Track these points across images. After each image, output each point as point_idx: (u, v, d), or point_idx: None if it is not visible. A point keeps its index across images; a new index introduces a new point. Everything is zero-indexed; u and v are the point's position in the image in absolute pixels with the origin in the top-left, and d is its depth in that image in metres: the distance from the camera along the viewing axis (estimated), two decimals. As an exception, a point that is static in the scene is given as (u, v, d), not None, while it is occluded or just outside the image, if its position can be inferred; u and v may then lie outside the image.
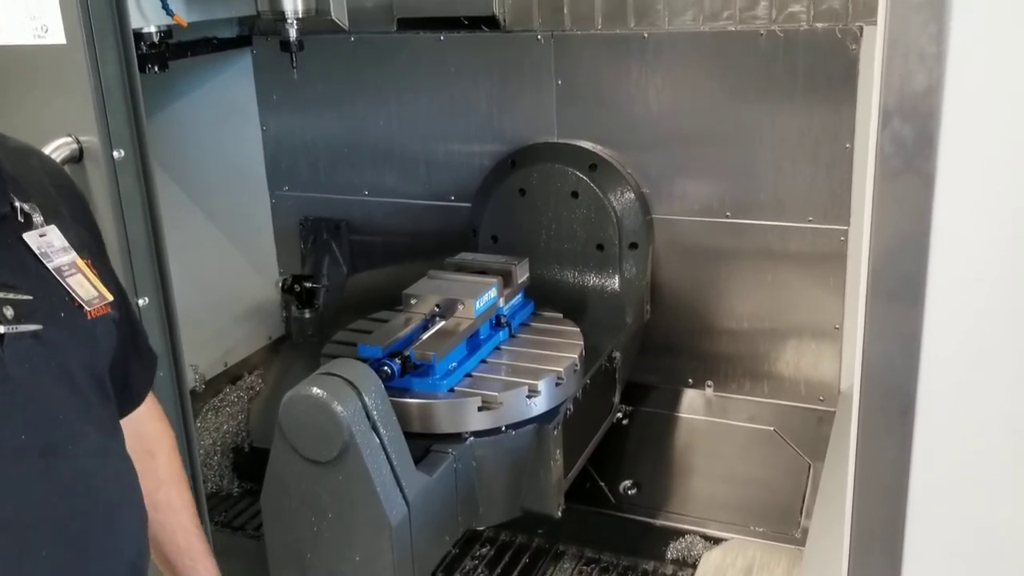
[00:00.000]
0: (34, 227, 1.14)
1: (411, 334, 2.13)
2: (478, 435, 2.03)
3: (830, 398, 2.58)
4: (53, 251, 1.15)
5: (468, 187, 2.80)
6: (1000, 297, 0.99)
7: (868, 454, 1.08)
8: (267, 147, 3.05)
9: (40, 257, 1.14)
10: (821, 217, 2.46)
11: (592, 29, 2.56)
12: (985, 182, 0.96)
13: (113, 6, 1.60)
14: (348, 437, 1.79)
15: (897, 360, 1.03)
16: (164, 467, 1.42)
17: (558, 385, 2.12)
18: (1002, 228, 0.97)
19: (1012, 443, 1.03)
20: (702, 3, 2.44)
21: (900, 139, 0.98)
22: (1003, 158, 0.95)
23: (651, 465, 2.59)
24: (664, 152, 2.57)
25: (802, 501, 2.40)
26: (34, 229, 1.14)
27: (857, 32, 2.30)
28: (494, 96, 2.72)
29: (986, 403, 1.03)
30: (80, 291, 1.16)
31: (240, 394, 2.93)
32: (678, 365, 2.73)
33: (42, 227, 1.15)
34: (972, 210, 0.98)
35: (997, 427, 1.03)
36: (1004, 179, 0.96)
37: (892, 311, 1.02)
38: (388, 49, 2.79)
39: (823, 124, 2.39)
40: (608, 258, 2.61)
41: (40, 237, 1.14)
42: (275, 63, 2.79)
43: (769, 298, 2.57)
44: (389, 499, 1.83)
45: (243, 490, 2.77)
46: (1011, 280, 0.98)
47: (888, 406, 1.05)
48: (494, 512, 2.10)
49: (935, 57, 0.94)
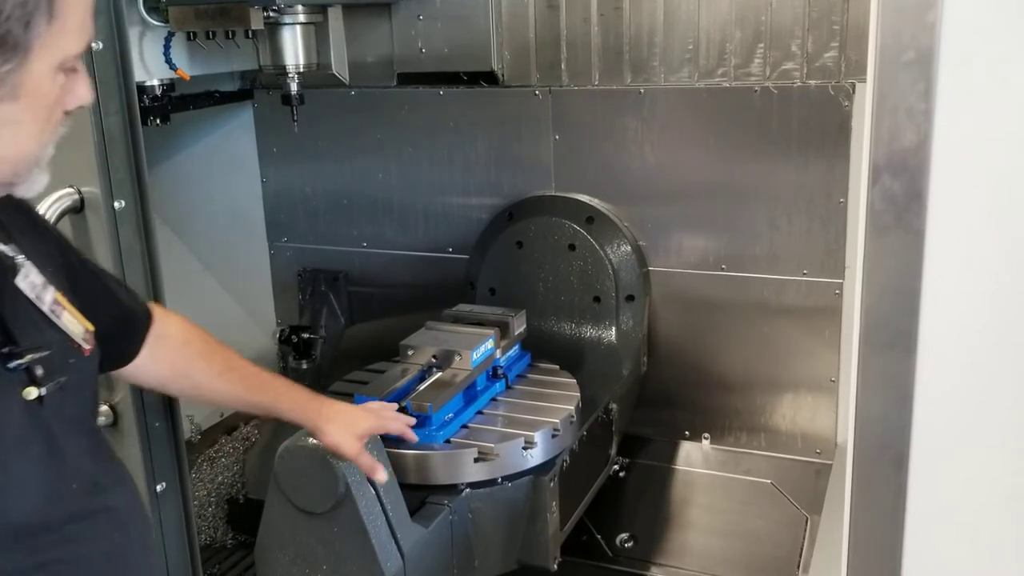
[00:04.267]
0: (19, 269, 1.13)
1: (408, 385, 2.13)
2: (474, 486, 2.02)
3: (827, 451, 2.58)
4: (40, 291, 1.15)
5: (466, 239, 2.82)
6: (991, 348, 1.00)
7: (863, 506, 1.08)
8: (267, 199, 3.07)
9: (35, 302, 1.14)
10: (816, 271, 2.47)
11: (589, 85, 2.60)
12: (974, 235, 0.98)
13: (117, 59, 1.62)
14: (344, 488, 1.78)
15: (890, 412, 1.04)
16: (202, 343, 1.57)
17: (554, 437, 2.12)
18: (991, 281, 0.98)
19: (1006, 493, 1.04)
20: (697, 60, 2.48)
21: (890, 194, 0.99)
22: (991, 212, 0.97)
23: (648, 518, 2.57)
24: (660, 205, 2.59)
25: (800, 555, 2.38)
26: (20, 271, 1.13)
27: (849, 89, 2.33)
28: (492, 150, 2.75)
29: (979, 454, 1.03)
30: (73, 329, 1.18)
31: (236, 445, 2.92)
32: (675, 417, 2.72)
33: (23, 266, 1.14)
34: (962, 263, 0.99)
35: (991, 478, 1.04)
36: (992, 233, 0.97)
37: (885, 363, 1.03)
38: (388, 103, 2.82)
39: (817, 179, 2.42)
40: (605, 310, 2.62)
41: (26, 279, 1.13)
42: (276, 116, 2.83)
43: (765, 351, 2.58)
44: (384, 551, 1.81)
45: (237, 542, 2.75)
46: (1001, 331, 0.99)
47: (882, 458, 1.05)
48: (490, 565, 2.09)
49: (923, 113, 0.96)
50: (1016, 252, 0.97)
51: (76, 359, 1.18)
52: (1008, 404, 1.01)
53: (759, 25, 2.41)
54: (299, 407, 1.68)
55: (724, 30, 2.44)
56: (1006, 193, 0.96)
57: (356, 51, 2.79)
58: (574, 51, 2.60)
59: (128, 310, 1.44)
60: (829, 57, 2.36)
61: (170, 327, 1.53)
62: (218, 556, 2.68)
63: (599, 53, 2.57)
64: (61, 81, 1.04)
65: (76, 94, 1.08)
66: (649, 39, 2.52)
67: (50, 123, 1.06)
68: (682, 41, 2.49)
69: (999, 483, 1.03)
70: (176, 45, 2.36)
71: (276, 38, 2.48)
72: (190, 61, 2.43)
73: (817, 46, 2.37)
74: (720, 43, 2.45)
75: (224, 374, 1.59)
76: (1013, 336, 0.99)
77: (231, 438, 2.93)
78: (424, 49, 2.70)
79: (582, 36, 2.58)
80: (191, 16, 2.26)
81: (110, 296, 1.40)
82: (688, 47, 2.48)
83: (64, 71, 1.04)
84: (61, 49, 1.01)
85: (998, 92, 0.94)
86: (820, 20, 2.35)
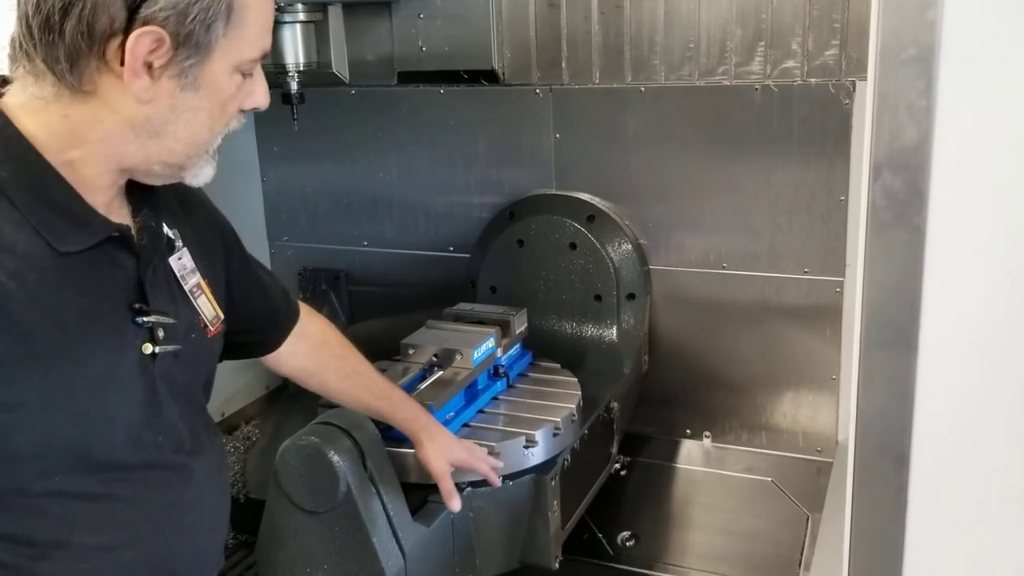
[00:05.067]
0: (175, 251, 1.33)
1: (409, 384, 2.13)
2: (475, 485, 2.02)
3: (828, 449, 2.58)
4: (187, 273, 1.34)
5: (467, 238, 2.82)
6: (992, 345, 1.00)
7: (864, 504, 1.08)
8: (267, 198, 3.07)
9: (180, 280, 1.33)
10: (817, 269, 2.47)
11: (590, 83, 2.60)
12: (975, 233, 0.98)
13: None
14: (345, 487, 1.78)
15: (891, 409, 1.04)
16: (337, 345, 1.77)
17: (556, 435, 2.12)
18: (992, 278, 0.98)
19: (1008, 490, 1.04)
20: (698, 58, 2.48)
21: (891, 192, 0.99)
22: (992, 209, 0.97)
23: (649, 516, 2.57)
24: (661, 204, 2.59)
25: (800, 553, 2.38)
26: (175, 252, 1.33)
27: (850, 87, 2.33)
28: (493, 148, 2.75)
29: (981, 451, 1.03)
30: (205, 312, 1.36)
31: (236, 444, 2.92)
32: (676, 416, 2.72)
33: (180, 250, 1.34)
34: (963, 260, 0.99)
35: (992, 475, 1.03)
36: (993, 230, 0.97)
37: (886, 361, 1.03)
38: (388, 102, 2.82)
39: (818, 177, 2.41)
40: (606, 309, 2.62)
41: (178, 260, 1.33)
42: (276, 115, 2.80)
43: (766, 349, 2.58)
44: (385, 551, 1.81)
45: (238, 541, 2.74)
46: (1002, 328, 0.99)
47: (883, 455, 1.05)
48: (491, 564, 2.09)
49: (924, 111, 0.96)
50: (1017, 249, 0.97)
51: (198, 335, 1.34)
52: (1009, 401, 1.01)
53: (760, 23, 2.40)
54: (412, 419, 1.85)
55: (725, 28, 2.44)
56: (1007, 190, 0.96)
57: (356, 50, 2.79)
58: (575, 49, 2.60)
59: (276, 309, 1.65)
60: (830, 55, 2.36)
61: (312, 328, 1.74)
62: (219, 555, 2.68)
63: (600, 51, 2.57)
64: (238, 81, 1.23)
65: (254, 96, 1.29)
66: (650, 37, 2.52)
67: (224, 115, 1.25)
68: (683, 39, 2.49)
69: (1000, 480, 1.03)
70: (176, 44, 2.35)
71: (276, 37, 2.47)
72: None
73: (818, 44, 2.36)
74: (721, 41, 2.45)
75: (351, 377, 1.77)
76: (1014, 333, 0.99)
77: (232, 438, 2.93)
78: (424, 48, 2.70)
79: (583, 34, 2.58)
80: (191, 15, 2.25)
81: (264, 295, 1.62)
82: (689, 45, 2.48)
83: (242, 73, 1.23)
84: (239, 53, 1.19)
85: (999, 89, 0.94)
86: (821, 18, 2.35)
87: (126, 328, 1.22)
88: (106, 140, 1.17)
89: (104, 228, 1.19)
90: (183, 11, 1.11)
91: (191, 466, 1.32)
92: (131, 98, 1.14)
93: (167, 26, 1.11)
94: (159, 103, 1.16)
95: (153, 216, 1.29)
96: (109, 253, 1.20)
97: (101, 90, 1.14)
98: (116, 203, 1.25)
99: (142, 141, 1.19)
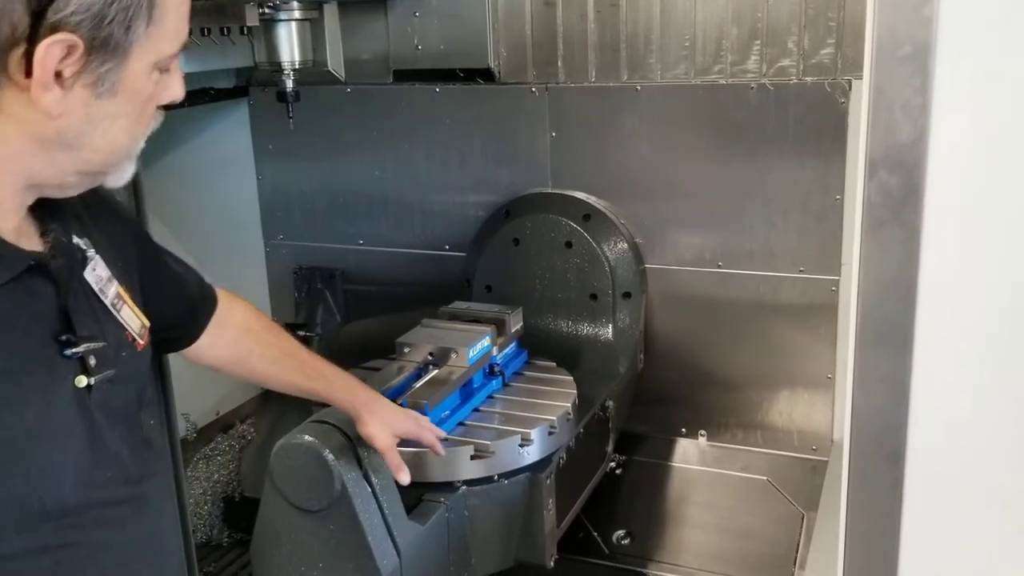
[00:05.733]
0: (89, 261, 1.19)
1: (404, 382, 2.13)
2: (470, 484, 2.02)
3: (823, 448, 2.58)
4: (104, 284, 1.21)
5: (463, 237, 2.82)
6: (988, 344, 1.00)
7: (859, 502, 1.08)
8: (262, 196, 3.06)
9: (99, 295, 1.20)
10: (812, 267, 2.47)
11: (585, 82, 2.60)
12: (971, 230, 0.98)
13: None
14: (340, 486, 1.78)
15: (886, 407, 1.04)
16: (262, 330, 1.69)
17: (551, 434, 2.12)
18: (988, 276, 0.98)
19: (1003, 489, 1.04)
20: (694, 57, 2.48)
21: (886, 190, 0.99)
22: (988, 207, 0.97)
23: (644, 515, 2.57)
24: (657, 203, 2.59)
25: (796, 551, 2.38)
26: (88, 263, 1.19)
27: (846, 86, 2.33)
28: (489, 147, 2.75)
29: (976, 450, 1.03)
30: (131, 324, 1.25)
31: (232, 443, 2.92)
32: (671, 414, 2.72)
33: (93, 260, 1.20)
34: (959, 258, 0.99)
35: (987, 474, 1.03)
36: (989, 227, 0.97)
37: (881, 359, 1.03)
38: (384, 100, 2.82)
39: (813, 176, 2.42)
40: (601, 307, 2.62)
41: (93, 272, 1.19)
42: (271, 113, 2.82)
43: (761, 348, 2.58)
44: (381, 549, 1.81)
45: (233, 540, 2.75)
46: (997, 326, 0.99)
47: (878, 453, 1.05)
48: (486, 562, 2.08)
49: (920, 108, 0.96)
50: (1013, 247, 0.97)
51: (128, 352, 1.23)
52: (1005, 400, 1.01)
53: (755, 22, 2.40)
54: (350, 395, 1.77)
55: (720, 27, 2.44)
56: (1003, 188, 0.96)
57: (352, 48, 2.78)
58: (571, 48, 2.60)
59: (192, 300, 1.55)
60: (825, 54, 2.36)
61: (233, 315, 1.64)
62: (214, 554, 2.68)
63: (596, 50, 2.57)
64: (156, 79, 1.12)
65: (170, 90, 1.16)
66: (646, 36, 2.52)
67: (144, 117, 1.14)
68: (678, 38, 2.49)
69: (995, 479, 1.03)
70: (171, 42, 2.34)
71: (271, 35, 2.48)
72: (185, 58, 2.40)
73: (813, 43, 2.37)
74: (716, 40, 2.45)
75: (279, 361, 1.68)
76: (1010, 331, 0.99)
77: (227, 436, 2.93)
78: (420, 46, 2.70)
79: (579, 33, 2.58)
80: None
81: (178, 288, 1.51)
82: (685, 44, 2.48)
83: (160, 70, 1.12)
84: (158, 50, 1.09)
85: (995, 87, 0.94)
86: (816, 17, 2.35)
87: (56, 363, 1.10)
88: (11, 159, 1.06)
89: (19, 260, 1.07)
90: (99, 13, 1.00)
91: (143, 494, 1.24)
92: (39, 112, 1.03)
93: (80, 31, 1.00)
94: (72, 115, 1.05)
95: (62, 230, 1.16)
96: (25, 284, 1.08)
97: (3, 104, 1.03)
98: (25, 224, 1.13)
99: (52, 155, 1.07)
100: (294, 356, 1.71)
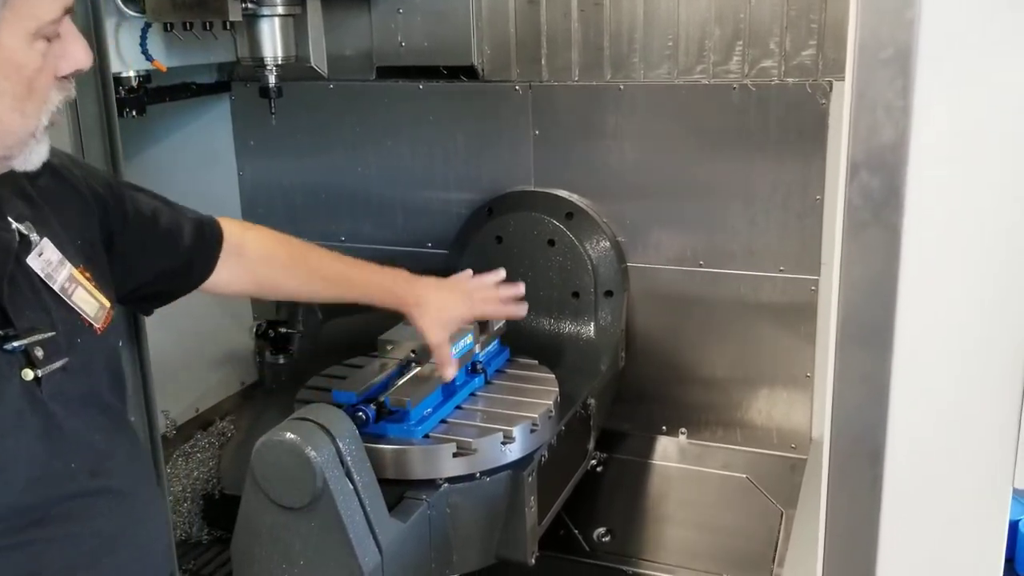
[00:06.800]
0: (32, 247, 1.13)
1: (386, 380, 2.12)
2: (452, 481, 2.02)
3: (802, 446, 2.60)
4: (53, 269, 1.15)
5: (445, 234, 2.82)
6: (967, 344, 1.01)
7: (838, 500, 1.09)
8: (243, 192, 3.05)
9: (45, 280, 1.14)
10: (792, 267, 2.49)
11: (569, 80, 2.61)
12: (951, 232, 0.99)
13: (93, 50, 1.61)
14: (321, 483, 1.77)
15: (866, 406, 1.04)
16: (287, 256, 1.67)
17: (533, 432, 2.12)
18: (968, 277, 0.99)
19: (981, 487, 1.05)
20: (676, 57, 2.49)
21: (868, 191, 1.00)
22: (968, 208, 0.98)
23: (625, 512, 2.58)
24: (639, 202, 2.60)
25: (775, 549, 2.39)
26: (33, 249, 1.13)
27: (827, 87, 2.35)
28: (472, 145, 2.75)
29: (955, 448, 1.04)
30: (86, 308, 1.18)
31: (211, 440, 2.90)
32: (652, 412, 2.73)
33: (38, 244, 1.14)
34: (939, 259, 1.00)
35: (966, 472, 1.05)
36: (970, 229, 0.98)
37: (861, 358, 1.04)
38: (367, 97, 2.81)
39: (794, 176, 2.43)
40: (584, 306, 2.63)
41: (39, 257, 1.13)
42: (253, 109, 2.81)
43: (742, 347, 2.60)
44: (362, 546, 1.81)
45: (213, 538, 2.73)
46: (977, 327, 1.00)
47: (858, 451, 1.06)
48: (468, 559, 2.09)
49: (901, 110, 0.97)
50: (993, 248, 0.98)
51: (85, 338, 1.18)
52: (983, 399, 1.02)
53: (738, 23, 2.42)
54: (389, 294, 1.77)
55: (703, 27, 2.45)
56: (984, 190, 0.97)
57: (335, 44, 2.78)
58: (554, 47, 2.60)
59: (190, 251, 1.49)
60: (807, 55, 2.37)
61: (248, 245, 1.61)
62: (194, 552, 2.67)
63: (579, 49, 2.58)
64: (42, 49, 1.03)
65: (68, 58, 1.07)
66: (629, 36, 2.52)
67: (36, 93, 1.04)
68: (662, 38, 2.49)
69: (974, 477, 1.05)
70: (153, 36, 2.33)
71: (254, 30, 2.47)
72: (167, 52, 2.41)
73: (795, 44, 2.38)
74: (699, 40, 2.46)
75: (310, 282, 1.69)
76: (989, 332, 1.00)
77: (207, 433, 2.92)
78: (404, 43, 2.70)
79: (563, 32, 2.58)
80: (168, 7, 2.24)
81: (172, 240, 1.45)
82: (668, 44, 2.49)
83: (45, 38, 1.03)
84: (34, 18, 1.00)
85: (976, 89, 0.95)
86: (798, 18, 2.36)
87: None
88: None
89: None
90: None
91: (117, 487, 1.20)
92: None
93: None
94: None
95: None
96: None
97: None
98: None
99: None
100: (318, 273, 1.70)
